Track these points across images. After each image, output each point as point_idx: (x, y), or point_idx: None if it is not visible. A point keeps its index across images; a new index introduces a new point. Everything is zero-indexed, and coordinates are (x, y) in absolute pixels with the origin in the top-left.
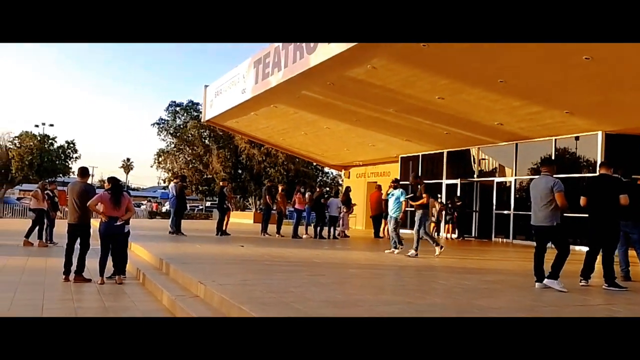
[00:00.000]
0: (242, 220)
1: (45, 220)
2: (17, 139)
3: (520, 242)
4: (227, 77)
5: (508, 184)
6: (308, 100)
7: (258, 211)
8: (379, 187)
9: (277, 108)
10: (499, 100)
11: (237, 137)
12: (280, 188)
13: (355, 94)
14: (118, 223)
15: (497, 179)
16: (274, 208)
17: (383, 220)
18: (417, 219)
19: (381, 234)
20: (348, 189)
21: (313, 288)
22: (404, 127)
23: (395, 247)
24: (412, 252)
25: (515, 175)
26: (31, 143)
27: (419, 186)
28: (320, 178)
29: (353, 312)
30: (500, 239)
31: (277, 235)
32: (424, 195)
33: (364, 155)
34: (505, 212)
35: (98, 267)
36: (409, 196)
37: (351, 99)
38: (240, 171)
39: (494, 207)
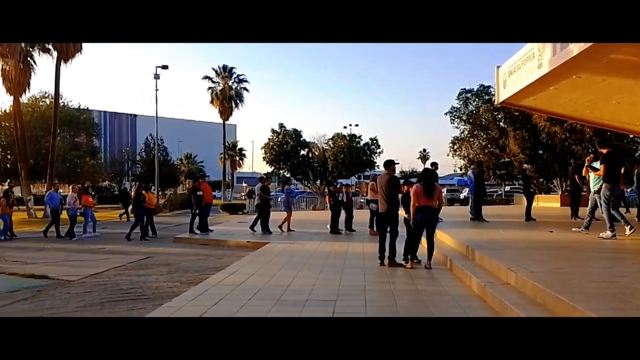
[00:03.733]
0: (547, 203)
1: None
2: (330, 140)
3: None
4: (520, 54)
5: None
6: (619, 64)
7: (565, 193)
8: None
9: (581, 78)
10: None
11: (534, 115)
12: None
13: None
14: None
15: None
16: (584, 189)
17: None
18: (602, 194)
19: None
20: None
21: None
22: None
23: (587, 227)
24: (608, 233)
25: None
26: (342, 143)
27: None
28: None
29: None
30: None
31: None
32: (601, 165)
33: None
34: None
35: (409, 253)
36: (592, 164)
37: None
38: (540, 151)
39: None
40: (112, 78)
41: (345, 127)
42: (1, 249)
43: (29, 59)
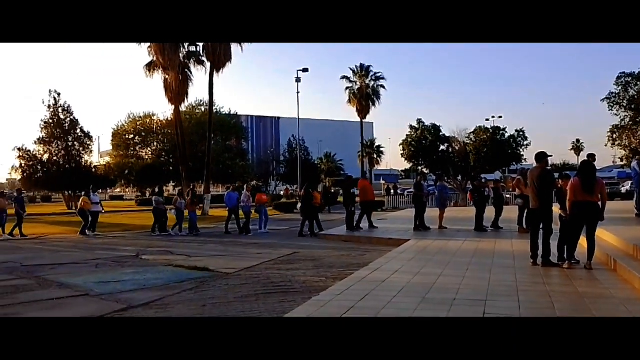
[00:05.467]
0: None
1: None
2: (472, 134)
3: None
4: None
5: None
6: None
7: None
8: None
9: None
10: None
11: None
12: None
13: None
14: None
15: None
16: None
17: None
18: None
19: None
20: None
21: None
22: None
23: None
24: None
25: None
26: (484, 136)
27: None
28: None
29: None
30: None
31: None
32: None
33: None
34: None
35: (565, 252)
36: None
37: None
38: None
39: None
40: (258, 84)
41: (487, 120)
42: (169, 243)
43: (186, 70)
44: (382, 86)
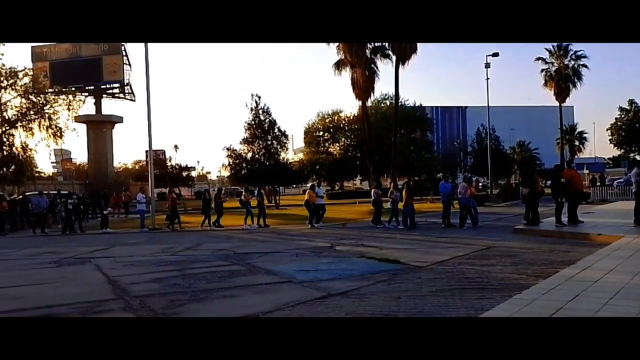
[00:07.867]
0: None
1: None
2: None
3: None
4: None
5: None
6: None
7: None
8: None
9: None
10: None
11: None
12: None
13: None
14: None
15: None
16: None
17: None
18: None
19: None
20: None
21: None
22: None
23: None
24: None
25: None
26: None
27: None
28: None
29: None
30: None
31: None
32: None
33: None
34: None
35: None
36: None
37: None
38: None
39: None
40: (443, 73)
41: None
42: (360, 234)
43: (372, 65)
44: (584, 65)
